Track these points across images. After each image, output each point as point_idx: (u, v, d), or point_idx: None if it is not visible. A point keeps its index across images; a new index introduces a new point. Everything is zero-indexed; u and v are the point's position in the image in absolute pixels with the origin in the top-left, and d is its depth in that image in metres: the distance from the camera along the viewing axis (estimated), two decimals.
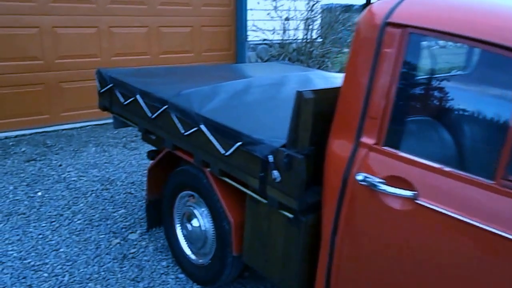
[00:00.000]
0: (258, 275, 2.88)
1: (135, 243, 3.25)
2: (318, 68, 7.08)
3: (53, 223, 3.49)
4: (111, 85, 3.15)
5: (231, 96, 2.66)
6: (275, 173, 1.97)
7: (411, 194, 1.60)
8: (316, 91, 1.92)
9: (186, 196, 2.81)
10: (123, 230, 3.42)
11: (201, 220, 2.65)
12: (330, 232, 1.89)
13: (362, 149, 1.76)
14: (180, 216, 2.87)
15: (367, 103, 1.74)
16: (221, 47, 6.89)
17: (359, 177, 1.73)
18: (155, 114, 2.72)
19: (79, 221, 3.54)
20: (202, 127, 2.35)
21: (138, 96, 2.86)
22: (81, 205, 3.82)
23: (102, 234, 3.36)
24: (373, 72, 1.72)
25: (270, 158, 1.98)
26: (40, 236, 3.31)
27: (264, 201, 2.11)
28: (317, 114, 1.92)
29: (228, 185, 2.39)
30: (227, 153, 2.22)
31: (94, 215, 3.64)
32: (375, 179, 1.69)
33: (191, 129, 2.45)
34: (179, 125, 2.54)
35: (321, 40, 7.51)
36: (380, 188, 1.67)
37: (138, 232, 3.40)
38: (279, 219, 2.10)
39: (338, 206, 1.84)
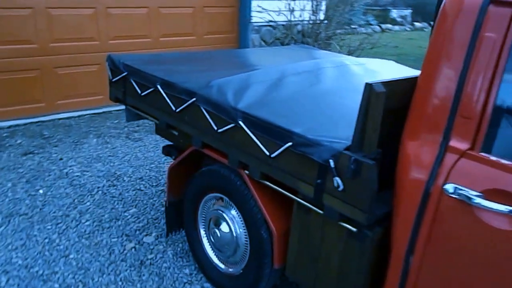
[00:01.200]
0: (290, 284, 2.63)
1: (151, 247, 2.96)
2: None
3: (60, 225, 3.19)
4: (125, 73, 2.81)
5: (268, 87, 2.35)
6: (338, 180, 1.69)
7: None
8: (387, 84, 1.63)
9: (213, 199, 2.52)
10: (137, 232, 3.13)
11: (232, 226, 2.37)
12: (405, 249, 1.63)
13: (451, 155, 1.48)
14: (205, 220, 2.59)
15: (458, 100, 1.46)
16: (224, 29, 6.52)
17: (449, 188, 1.46)
18: (180, 108, 2.41)
19: (87, 222, 3.23)
20: (241, 123, 2.06)
21: (159, 87, 2.54)
22: (88, 203, 3.51)
23: (114, 237, 3.06)
24: (468, 62, 1.43)
25: (331, 163, 1.70)
26: (47, 240, 3.01)
27: (319, 211, 1.84)
28: (385, 111, 1.64)
29: (269, 190, 2.11)
30: (273, 155, 1.93)
31: (103, 215, 3.34)
32: (470, 192, 1.42)
33: (226, 125, 2.15)
34: (210, 121, 2.24)
35: (327, 22, 7.18)
36: (477, 202, 1.40)
37: (153, 234, 3.11)
38: (336, 231, 1.83)
39: (417, 220, 1.57)
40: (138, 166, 4.22)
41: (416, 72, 3.02)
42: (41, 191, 3.66)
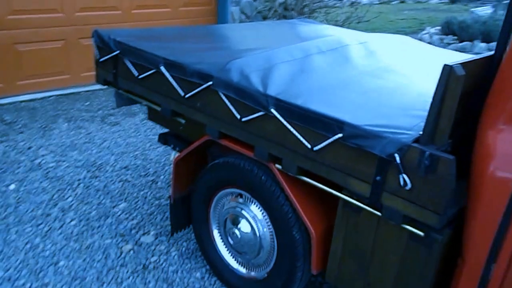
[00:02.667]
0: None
1: (152, 248, 2.65)
2: None
3: (41, 226, 2.80)
4: (117, 52, 2.42)
5: (295, 68, 2.06)
6: (405, 177, 1.46)
7: None
8: (466, 64, 1.39)
9: (229, 195, 2.23)
10: (133, 231, 2.80)
11: (255, 225, 2.11)
12: (485, 255, 1.42)
13: None
14: (220, 218, 2.30)
15: None
16: (201, 1, 6.07)
17: None
18: (192, 93, 2.08)
19: (73, 222, 2.86)
20: (274, 112, 1.77)
21: (162, 68, 2.18)
22: (70, 199, 3.12)
23: (107, 238, 2.72)
24: None
25: (397, 158, 1.45)
26: (29, 245, 2.62)
27: (376, 212, 1.60)
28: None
29: (305, 186, 1.85)
30: (315, 148, 1.67)
31: (90, 213, 2.97)
32: None
33: (253, 114, 1.85)
34: (232, 108, 1.93)
35: None
36: None
37: (152, 233, 2.79)
38: (395, 234, 1.60)
39: (503, 222, 1.36)
40: (120, 153, 3.83)
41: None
42: (12, 186, 3.23)
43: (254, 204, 2.12)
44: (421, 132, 1.47)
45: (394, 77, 2.12)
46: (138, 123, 4.48)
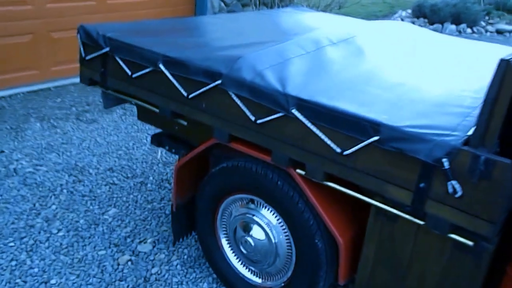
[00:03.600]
0: None
1: (151, 258, 2.47)
2: None
3: (25, 240, 2.56)
4: (106, 49, 2.20)
5: (310, 62, 1.91)
6: (454, 184, 1.34)
7: None
8: None
9: (239, 201, 2.08)
10: (128, 240, 2.61)
11: (270, 232, 1.97)
12: None
13: None
14: (228, 226, 2.15)
15: None
16: None
17: None
18: (196, 93, 1.90)
19: (60, 233, 2.64)
20: (295, 113, 1.62)
21: (161, 66, 1.99)
22: (54, 207, 2.88)
23: (100, 249, 2.52)
24: None
25: (445, 163, 1.34)
26: (13, 262, 2.39)
27: (418, 221, 1.48)
28: None
29: (329, 192, 1.72)
30: (346, 152, 1.53)
31: (77, 221, 2.75)
32: None
33: (270, 115, 1.70)
34: (245, 109, 1.77)
35: None
36: None
37: (149, 241, 2.60)
38: (437, 243, 1.50)
39: None
40: (103, 154, 3.59)
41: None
42: None
43: (268, 210, 1.98)
44: (468, 133, 1.36)
45: (412, 68, 2.00)
46: (117, 119, 4.22)
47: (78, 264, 2.40)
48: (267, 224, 1.97)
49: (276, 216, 1.95)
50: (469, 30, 9.08)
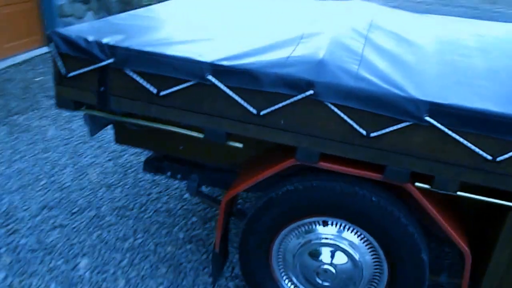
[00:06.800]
0: None
1: None
2: None
3: None
4: (108, 61, 1.62)
5: (390, 57, 1.74)
6: None
7: None
8: None
9: (301, 227, 1.81)
10: None
11: (354, 253, 1.77)
12: None
13: None
14: (285, 258, 1.87)
15: None
16: None
17: None
18: (272, 108, 1.55)
19: None
20: (430, 120, 1.44)
21: (211, 78, 1.56)
22: (1, 276, 2.11)
23: None
24: None
25: None
26: None
27: None
28: None
29: (440, 202, 1.62)
30: (499, 158, 1.43)
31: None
32: None
33: (390, 125, 1.49)
34: (351, 123, 1.51)
35: None
36: None
37: None
38: None
39: None
40: (22, 189, 2.77)
41: None
42: None
43: (349, 230, 1.77)
44: None
45: (480, 55, 1.96)
46: (6, 139, 3.30)
47: None
48: (349, 245, 1.77)
49: (358, 235, 1.76)
50: None
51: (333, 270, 1.80)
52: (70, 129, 3.64)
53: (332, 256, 1.79)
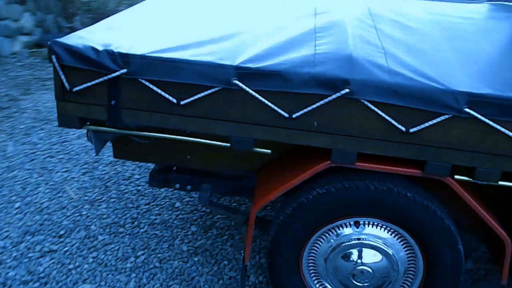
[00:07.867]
0: None
1: None
2: None
3: None
4: (121, 71, 1.46)
5: (408, 47, 1.73)
6: None
7: None
8: None
9: (331, 230, 1.76)
10: None
11: (389, 250, 1.75)
12: None
13: None
14: (318, 264, 1.82)
15: None
16: None
17: None
18: (305, 110, 1.48)
19: None
20: (471, 112, 1.44)
21: (237, 82, 1.46)
22: None
23: None
24: None
25: None
26: None
27: None
28: None
29: (474, 193, 1.64)
30: None
31: None
32: None
33: (429, 119, 1.47)
34: (390, 119, 1.48)
35: None
36: None
37: None
38: None
39: None
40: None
41: None
42: None
43: (379, 227, 1.74)
44: None
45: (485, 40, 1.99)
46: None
47: None
48: (384, 243, 1.74)
49: (392, 233, 1.74)
50: None
51: (370, 270, 1.77)
52: (31, 142, 3.33)
53: (367, 256, 1.76)
